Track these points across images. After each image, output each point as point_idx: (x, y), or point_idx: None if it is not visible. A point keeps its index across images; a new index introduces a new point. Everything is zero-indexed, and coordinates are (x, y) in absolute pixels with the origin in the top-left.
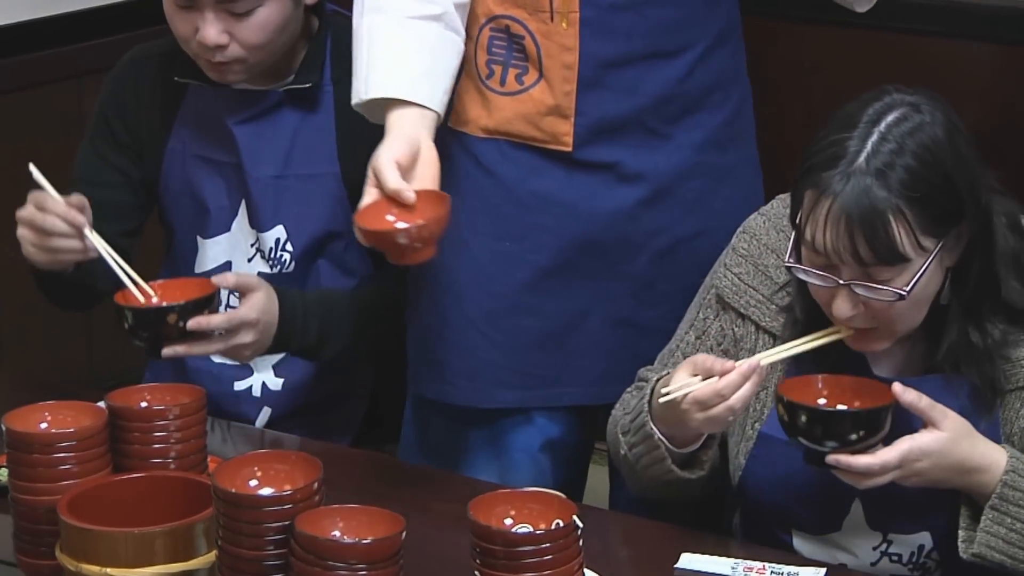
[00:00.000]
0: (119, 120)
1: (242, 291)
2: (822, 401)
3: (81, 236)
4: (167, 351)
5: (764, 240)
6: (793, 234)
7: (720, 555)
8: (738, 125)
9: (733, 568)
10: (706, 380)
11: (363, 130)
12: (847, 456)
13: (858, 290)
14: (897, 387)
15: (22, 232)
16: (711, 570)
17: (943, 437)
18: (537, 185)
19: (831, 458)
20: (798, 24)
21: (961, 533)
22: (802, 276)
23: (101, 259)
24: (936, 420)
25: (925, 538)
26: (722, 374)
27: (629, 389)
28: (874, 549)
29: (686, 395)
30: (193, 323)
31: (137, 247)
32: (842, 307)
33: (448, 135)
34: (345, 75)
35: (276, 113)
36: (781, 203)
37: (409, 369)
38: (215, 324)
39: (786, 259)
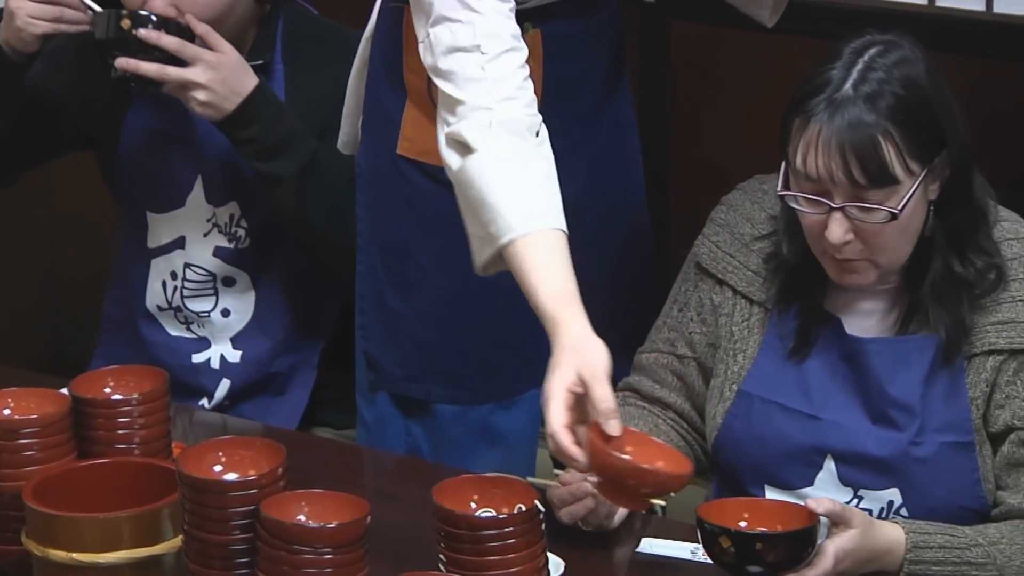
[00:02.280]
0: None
1: (210, 44)
2: (743, 524)
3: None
4: (120, 61)
5: (740, 210)
6: (783, 164)
7: (680, 540)
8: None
9: (693, 552)
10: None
11: (312, 110)
12: (796, 575)
13: (851, 212)
14: (811, 502)
15: (17, 3)
16: (671, 554)
17: (856, 534)
18: None
19: None
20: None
21: None
22: (794, 205)
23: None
24: (848, 519)
25: (894, 494)
26: (564, 483)
27: (620, 385)
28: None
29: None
30: (144, 32)
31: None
32: (835, 231)
33: (403, 163)
34: (296, 56)
35: None
36: (757, 180)
37: (390, 376)
38: (165, 42)
39: (778, 189)
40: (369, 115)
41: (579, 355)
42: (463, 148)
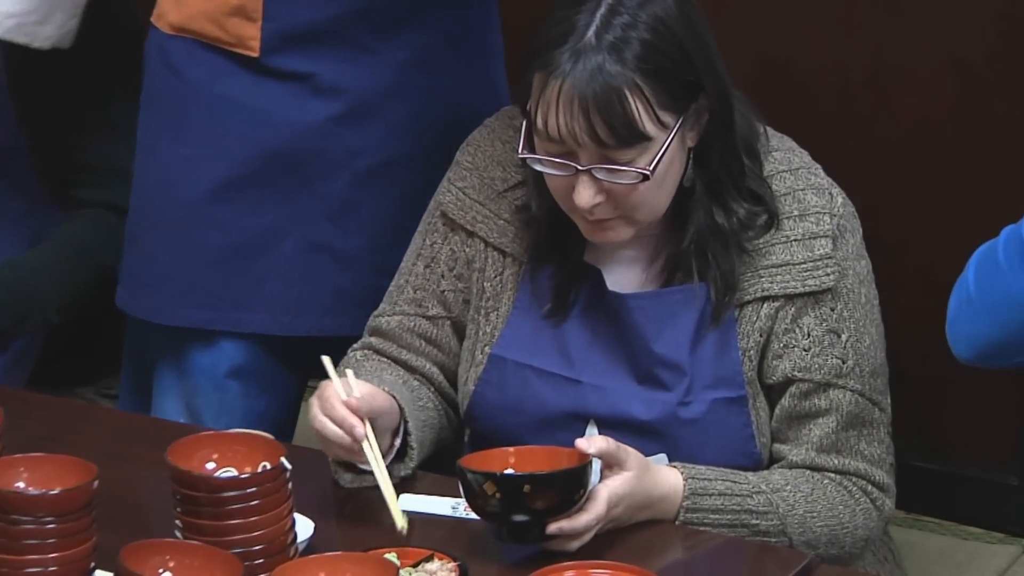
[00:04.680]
0: None
1: None
2: (510, 472)
3: None
4: None
5: (489, 152)
6: (524, 123)
7: (440, 495)
8: (465, 48)
9: (454, 508)
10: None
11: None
12: (568, 521)
13: (599, 174)
14: (581, 442)
15: None
16: (430, 511)
17: (631, 476)
18: (224, 89)
19: (555, 526)
20: None
21: None
22: (538, 167)
23: None
24: (622, 460)
25: (661, 459)
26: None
27: (356, 346)
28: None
29: None
30: None
31: None
32: (583, 195)
33: (149, 30)
34: None
35: None
36: (506, 114)
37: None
38: None
39: (519, 151)
40: None
41: None
42: None
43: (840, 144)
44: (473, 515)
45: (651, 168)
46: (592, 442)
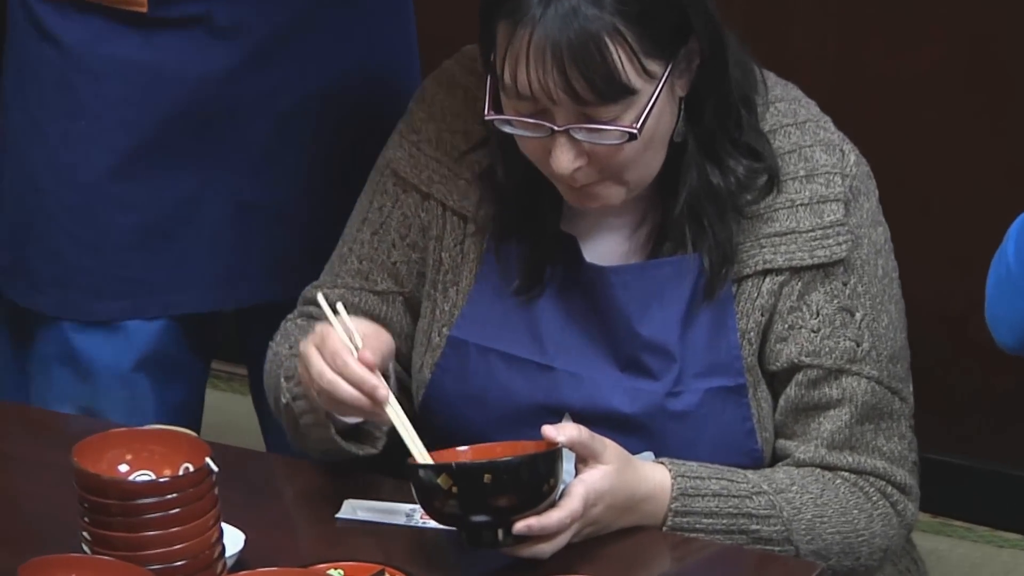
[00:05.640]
0: None
1: None
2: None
3: None
4: None
5: (447, 102)
6: (489, 79)
7: (394, 500)
8: None
9: (408, 516)
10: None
11: None
12: (538, 518)
13: (578, 135)
14: (549, 430)
15: None
16: (381, 520)
17: (610, 470)
18: (110, 50)
19: (523, 524)
20: None
21: None
22: (508, 129)
23: None
24: (598, 453)
25: (648, 457)
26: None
27: (291, 316)
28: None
29: None
30: None
31: None
32: (562, 159)
33: None
34: None
35: None
36: (466, 55)
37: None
38: None
39: (485, 111)
40: None
41: None
42: None
43: (848, 93)
44: (431, 523)
45: (638, 126)
46: (562, 430)
